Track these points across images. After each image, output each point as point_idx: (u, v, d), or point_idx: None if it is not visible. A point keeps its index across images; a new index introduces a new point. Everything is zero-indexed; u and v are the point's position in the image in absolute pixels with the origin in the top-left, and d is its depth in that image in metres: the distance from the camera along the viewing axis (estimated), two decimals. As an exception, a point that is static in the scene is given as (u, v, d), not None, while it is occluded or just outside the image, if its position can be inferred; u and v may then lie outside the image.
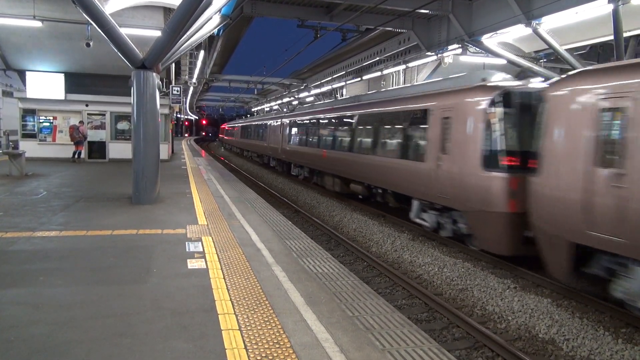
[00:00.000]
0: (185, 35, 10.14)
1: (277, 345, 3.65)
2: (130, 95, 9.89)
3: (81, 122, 19.48)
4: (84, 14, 8.91)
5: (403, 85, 18.49)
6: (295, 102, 38.27)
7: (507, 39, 15.18)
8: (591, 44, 15.65)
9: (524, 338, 6.22)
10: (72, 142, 19.02)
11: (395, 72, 23.17)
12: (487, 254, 9.00)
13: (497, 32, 14.04)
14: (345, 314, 4.42)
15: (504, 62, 15.65)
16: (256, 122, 33.16)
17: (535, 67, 15.12)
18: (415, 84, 16.37)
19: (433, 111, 10.37)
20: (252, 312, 4.29)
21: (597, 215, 6.21)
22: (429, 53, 17.64)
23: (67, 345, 3.51)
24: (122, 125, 20.52)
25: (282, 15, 17.32)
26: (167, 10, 14.67)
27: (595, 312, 6.85)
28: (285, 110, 31.61)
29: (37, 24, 13.52)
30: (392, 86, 24.14)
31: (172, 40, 9.35)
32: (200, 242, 6.75)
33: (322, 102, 24.98)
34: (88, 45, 13.69)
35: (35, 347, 3.47)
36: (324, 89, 31.20)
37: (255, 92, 52.94)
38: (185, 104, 45.14)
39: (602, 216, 6.14)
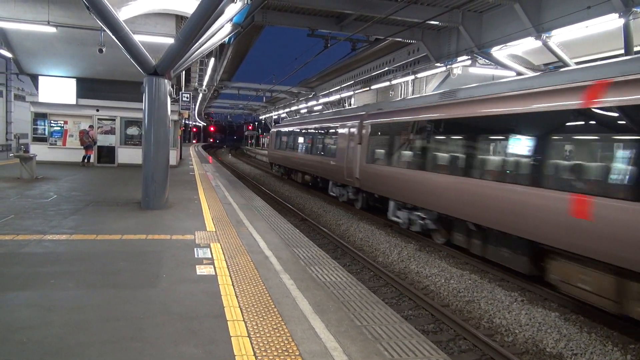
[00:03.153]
0: (197, 43, 10.25)
1: (286, 353, 3.67)
2: (140, 101, 10.00)
3: (91, 126, 19.67)
4: (99, 21, 9.04)
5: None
6: (303, 111, 38.40)
7: (516, 51, 15.19)
8: (601, 58, 15.65)
9: (531, 352, 6.19)
10: (82, 147, 19.21)
11: (404, 82, 23.25)
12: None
13: (507, 44, 14.08)
14: (354, 323, 4.43)
15: (513, 74, 15.67)
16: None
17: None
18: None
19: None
20: (261, 319, 4.31)
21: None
22: (437, 64, 17.70)
23: (80, 348, 3.55)
24: (132, 130, 20.70)
25: (293, 24, 17.44)
26: (179, 18, 14.85)
27: (604, 327, 6.80)
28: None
29: (51, 29, 13.72)
30: (400, 96, 24.24)
31: (184, 48, 9.47)
32: (208, 249, 6.79)
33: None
34: (101, 51, 13.87)
35: (48, 349, 3.51)
36: (332, 98, 31.31)
37: (264, 100, 53.23)
38: (194, 110, 45.44)
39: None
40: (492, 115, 8.89)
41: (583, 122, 7.04)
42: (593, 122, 6.91)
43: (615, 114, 6.40)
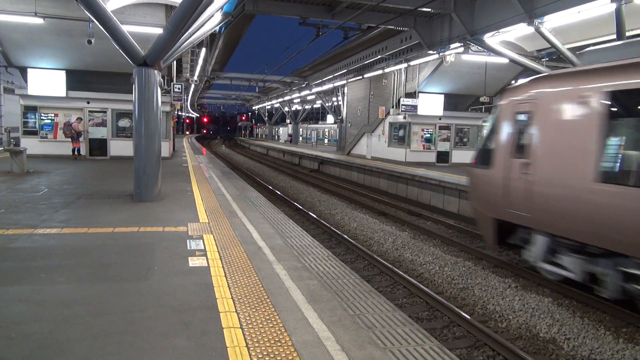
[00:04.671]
0: (187, 33, 10.12)
1: (279, 344, 3.65)
2: (132, 93, 9.88)
3: (79, 118, 19.42)
4: (86, 11, 8.89)
5: None
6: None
7: (509, 37, 15.15)
8: (593, 43, 15.64)
9: (524, 337, 6.23)
10: (69, 139, 19.09)
11: (397, 70, 23.16)
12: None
13: (500, 30, 14.03)
14: (347, 312, 4.42)
15: (505, 61, 15.63)
16: None
17: (537, 66, 15.09)
18: None
19: None
20: (254, 310, 4.29)
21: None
22: (430, 52, 17.62)
23: (69, 343, 3.52)
24: (123, 122, 20.49)
25: (284, 12, 17.27)
26: (168, 7, 14.67)
27: (596, 311, 6.86)
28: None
29: (39, 21, 13.51)
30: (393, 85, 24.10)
31: (173, 38, 9.34)
32: (201, 240, 6.75)
33: None
34: (90, 42, 13.69)
35: (37, 344, 3.48)
36: (325, 87, 31.17)
37: (257, 90, 52.97)
38: (187, 101, 45.14)
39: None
40: None
41: None
42: None
43: None
